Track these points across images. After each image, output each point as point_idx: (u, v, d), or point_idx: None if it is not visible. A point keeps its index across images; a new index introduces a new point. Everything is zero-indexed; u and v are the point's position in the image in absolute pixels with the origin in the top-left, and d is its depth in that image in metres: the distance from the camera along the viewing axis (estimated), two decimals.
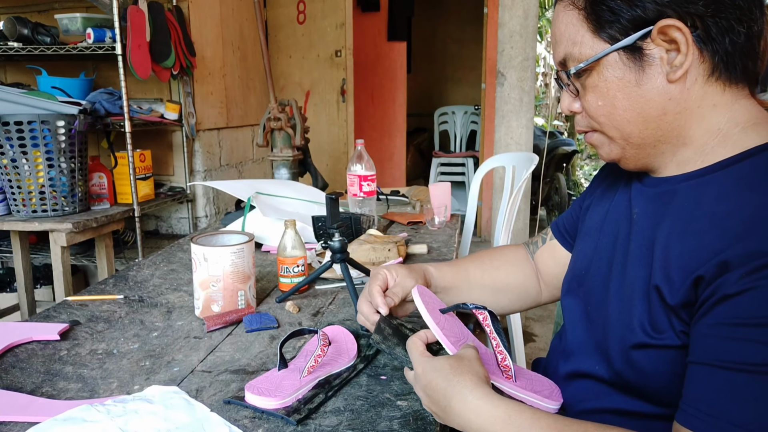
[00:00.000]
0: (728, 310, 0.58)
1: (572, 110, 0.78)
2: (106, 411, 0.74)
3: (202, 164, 3.05)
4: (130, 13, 2.31)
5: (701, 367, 0.60)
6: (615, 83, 0.70)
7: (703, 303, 0.61)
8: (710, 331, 0.60)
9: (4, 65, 3.01)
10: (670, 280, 0.65)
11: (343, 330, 0.99)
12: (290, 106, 2.22)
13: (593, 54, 0.70)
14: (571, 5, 0.72)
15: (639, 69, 0.69)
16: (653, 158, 0.74)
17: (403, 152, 5.53)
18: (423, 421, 0.76)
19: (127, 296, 1.25)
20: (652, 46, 0.67)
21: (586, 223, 0.90)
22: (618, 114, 0.72)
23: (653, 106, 0.70)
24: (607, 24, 0.69)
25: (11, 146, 2.05)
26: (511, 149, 3.38)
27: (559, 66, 0.77)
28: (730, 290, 0.58)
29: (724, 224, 0.62)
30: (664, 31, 0.66)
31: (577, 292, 0.86)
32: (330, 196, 1.22)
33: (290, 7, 4.10)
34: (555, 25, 0.75)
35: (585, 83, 0.73)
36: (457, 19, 6.93)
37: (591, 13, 0.70)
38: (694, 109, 0.69)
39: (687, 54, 0.66)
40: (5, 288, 3.03)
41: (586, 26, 0.70)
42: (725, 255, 0.60)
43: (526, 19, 3.25)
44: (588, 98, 0.74)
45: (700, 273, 0.62)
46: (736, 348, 0.57)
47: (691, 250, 0.64)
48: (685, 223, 0.67)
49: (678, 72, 0.67)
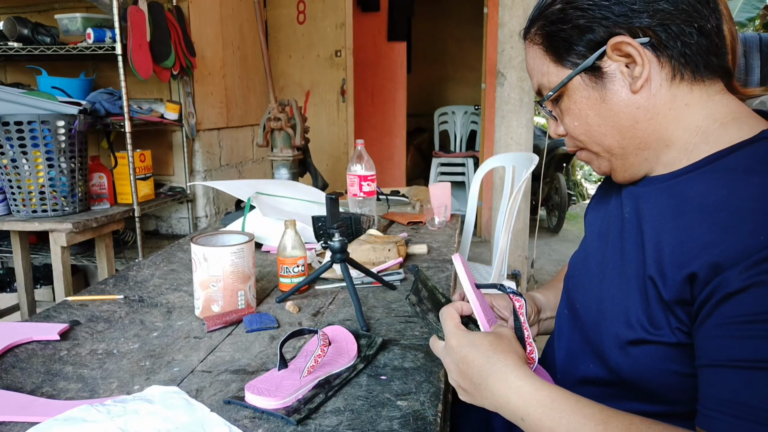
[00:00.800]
0: (733, 308, 0.58)
1: (558, 134, 0.83)
2: (106, 411, 0.74)
3: (202, 164, 3.06)
4: (130, 13, 2.31)
5: (715, 370, 0.60)
6: (584, 103, 0.75)
7: (703, 304, 0.61)
8: (718, 332, 0.60)
9: (4, 65, 3.01)
10: (664, 275, 0.66)
11: (343, 330, 0.99)
12: (290, 106, 2.22)
13: (558, 81, 0.76)
14: (531, 42, 0.79)
15: (602, 86, 0.73)
16: (639, 166, 0.76)
17: (403, 152, 5.53)
18: (423, 421, 0.76)
19: (127, 296, 1.25)
20: (609, 63, 0.72)
21: (590, 225, 0.91)
22: (594, 130, 0.76)
23: (624, 118, 0.73)
24: (564, 52, 0.74)
25: (11, 146, 2.05)
26: (511, 149, 3.38)
27: (537, 95, 0.83)
28: (731, 288, 0.58)
29: (712, 217, 0.63)
30: (617, 47, 0.70)
31: (569, 295, 0.87)
32: (330, 196, 1.22)
33: (290, 7, 4.10)
34: (526, 60, 0.82)
35: (561, 108, 0.79)
36: (457, 19, 6.93)
37: (549, 46, 0.76)
38: (666, 112, 0.72)
39: (643, 64, 0.69)
40: (5, 288, 3.03)
41: (548, 58, 0.76)
42: (718, 251, 0.60)
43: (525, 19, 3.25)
44: (566, 121, 0.79)
45: (693, 269, 0.62)
46: (748, 346, 0.57)
47: (682, 243, 0.65)
48: (674, 219, 0.68)
49: (639, 82, 0.70)
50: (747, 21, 5.30)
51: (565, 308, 0.89)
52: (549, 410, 0.64)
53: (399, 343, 1.00)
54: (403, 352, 0.96)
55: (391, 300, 1.22)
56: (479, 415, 1.05)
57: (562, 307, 0.91)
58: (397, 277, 1.34)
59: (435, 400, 0.81)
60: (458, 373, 0.72)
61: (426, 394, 0.82)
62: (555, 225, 5.14)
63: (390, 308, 1.17)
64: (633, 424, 0.61)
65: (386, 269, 1.38)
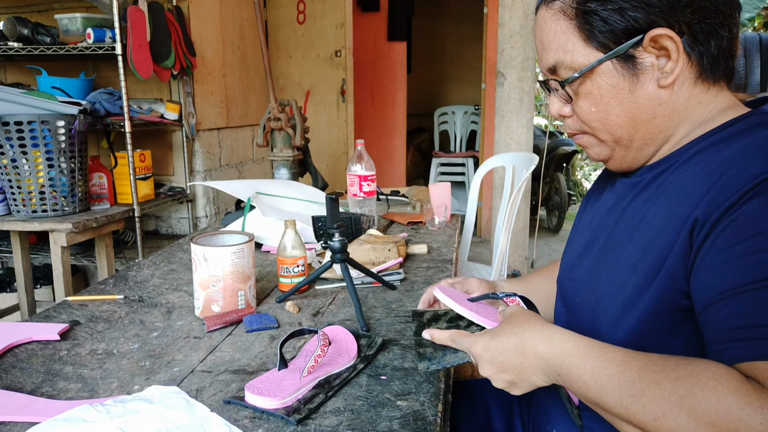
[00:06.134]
0: (729, 237, 0.60)
1: (562, 114, 0.80)
2: (106, 411, 0.74)
3: (202, 164, 3.05)
4: (130, 13, 2.31)
5: (722, 303, 0.59)
6: (608, 90, 0.72)
7: (701, 245, 0.63)
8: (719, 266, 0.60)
9: (4, 65, 3.01)
10: (666, 240, 0.67)
11: (343, 330, 0.99)
12: (290, 106, 2.22)
13: (586, 62, 0.72)
14: (561, 14, 0.73)
15: (632, 76, 0.71)
16: (638, 159, 0.77)
17: (403, 152, 5.53)
18: (423, 421, 0.76)
19: (127, 296, 1.25)
20: (644, 54, 0.70)
21: (580, 222, 0.92)
22: (611, 119, 0.74)
23: (645, 111, 0.72)
24: (599, 33, 0.70)
25: (11, 146, 2.05)
26: (511, 149, 3.38)
27: (548, 72, 0.78)
28: (727, 221, 0.60)
29: (705, 172, 0.66)
30: (655, 39, 0.68)
31: (565, 287, 0.88)
32: (330, 196, 1.22)
33: (290, 7, 4.10)
34: (542, 31, 0.76)
35: (578, 90, 0.75)
36: (457, 19, 6.92)
37: (583, 23, 0.71)
38: (681, 110, 0.72)
39: (677, 60, 0.69)
40: (5, 288, 3.03)
41: (578, 35, 0.72)
42: (713, 192, 0.63)
43: (526, 19, 3.25)
44: (581, 104, 0.75)
45: (695, 215, 0.64)
46: (751, 268, 0.57)
47: (681, 201, 0.67)
48: (672, 189, 0.70)
49: (669, 78, 0.70)
50: (747, 21, 5.30)
51: (563, 307, 0.89)
52: (575, 359, 0.64)
53: (399, 343, 1.00)
54: (403, 352, 0.96)
55: (391, 300, 1.22)
56: (479, 415, 1.05)
57: (559, 306, 0.92)
58: (397, 277, 1.34)
59: (435, 400, 0.80)
60: (499, 368, 0.70)
61: (426, 394, 0.82)
62: (555, 225, 5.13)
63: (390, 308, 1.17)
64: (651, 360, 0.61)
65: (386, 269, 1.38)
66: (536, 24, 0.78)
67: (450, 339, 0.77)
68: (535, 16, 0.78)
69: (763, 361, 0.55)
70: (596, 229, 0.84)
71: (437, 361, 0.79)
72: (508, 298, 0.81)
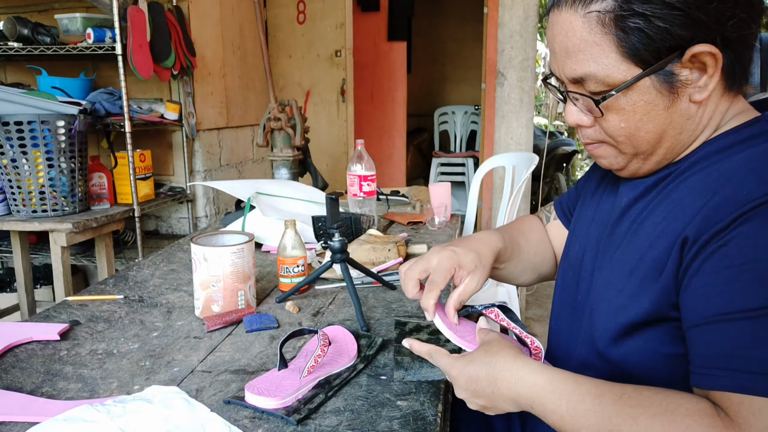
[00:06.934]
0: (718, 262, 0.60)
1: (580, 124, 0.75)
2: (106, 411, 0.74)
3: (202, 164, 3.05)
4: (130, 13, 2.31)
5: (706, 327, 0.60)
6: (643, 107, 0.68)
7: (689, 264, 0.63)
8: (705, 289, 0.61)
9: (4, 65, 3.01)
10: (659, 253, 0.67)
11: (343, 330, 0.99)
12: (290, 106, 2.22)
13: (623, 78, 0.67)
14: (597, 24, 0.66)
15: (670, 92, 0.67)
16: (651, 168, 0.75)
17: (403, 152, 5.52)
18: (423, 421, 0.76)
19: (127, 296, 1.25)
20: (682, 69, 0.66)
21: (581, 215, 0.92)
22: (640, 135, 0.70)
23: (674, 126, 0.70)
24: (640, 47, 0.65)
25: (11, 146, 2.05)
26: (511, 149, 3.38)
27: (569, 81, 0.72)
28: (716, 244, 0.60)
29: (701, 186, 0.66)
30: (695, 55, 0.65)
31: (570, 283, 0.88)
32: (330, 196, 1.22)
33: (290, 7, 4.09)
34: (566, 36, 0.69)
35: (608, 104, 0.69)
36: (457, 19, 6.92)
37: (624, 37, 0.65)
38: (706, 122, 0.71)
39: (713, 75, 0.66)
40: (5, 288, 3.03)
41: (615, 48, 0.66)
42: (706, 210, 0.62)
43: (526, 19, 3.25)
44: (609, 119, 0.71)
45: (686, 234, 0.64)
46: (737, 297, 0.58)
47: (676, 215, 0.67)
48: (670, 199, 0.70)
49: (704, 93, 0.67)
50: None
51: (562, 309, 0.89)
52: (549, 393, 0.65)
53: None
54: None
55: (391, 300, 1.22)
56: (479, 415, 1.04)
57: (557, 306, 0.91)
58: (397, 277, 1.34)
59: (435, 400, 0.80)
60: (472, 393, 0.72)
61: (426, 394, 0.82)
62: None
63: (390, 308, 1.17)
64: (625, 393, 0.62)
65: (386, 269, 1.38)
66: (555, 26, 0.71)
67: (428, 354, 0.78)
68: (549, 14, 0.72)
69: (738, 393, 0.56)
70: (600, 226, 0.84)
71: (414, 372, 0.83)
72: (486, 310, 0.81)
